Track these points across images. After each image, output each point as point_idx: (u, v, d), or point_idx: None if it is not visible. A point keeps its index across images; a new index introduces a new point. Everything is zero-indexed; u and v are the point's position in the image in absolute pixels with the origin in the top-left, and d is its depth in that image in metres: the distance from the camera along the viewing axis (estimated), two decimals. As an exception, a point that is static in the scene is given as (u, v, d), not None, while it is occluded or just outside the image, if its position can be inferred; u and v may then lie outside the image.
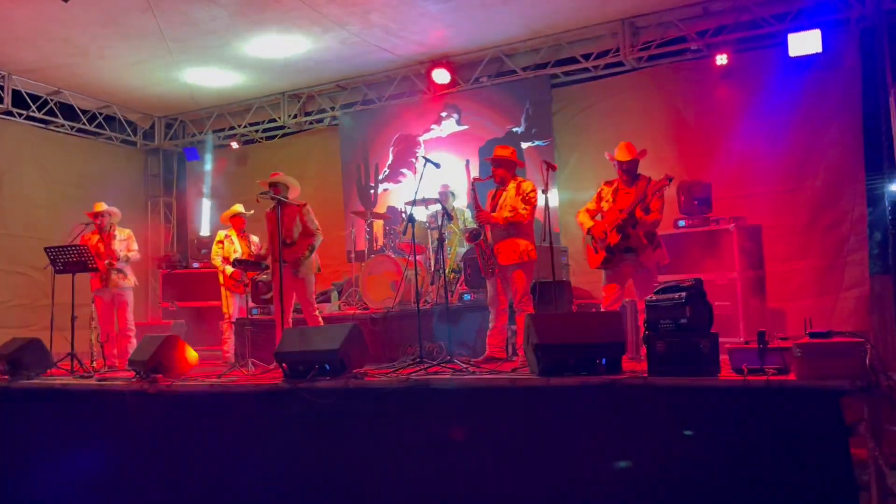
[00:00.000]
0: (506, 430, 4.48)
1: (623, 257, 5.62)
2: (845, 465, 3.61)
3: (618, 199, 5.71)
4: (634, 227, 5.52)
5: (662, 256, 5.68)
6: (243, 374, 6.02)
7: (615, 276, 5.71)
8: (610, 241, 5.60)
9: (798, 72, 7.32)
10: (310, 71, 9.44)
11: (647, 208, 5.52)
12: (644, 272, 5.61)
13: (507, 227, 5.81)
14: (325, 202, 10.02)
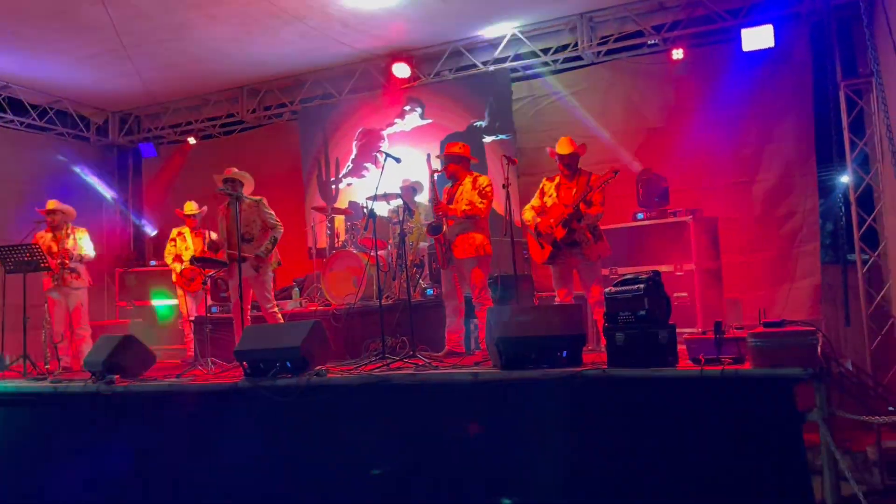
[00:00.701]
0: (469, 423, 4.49)
1: (569, 251, 5.70)
2: (798, 451, 3.70)
3: (560, 194, 5.78)
4: (580, 221, 5.60)
5: (604, 248, 5.79)
6: (203, 373, 5.93)
7: (562, 275, 5.82)
8: (556, 236, 5.67)
9: (751, 66, 7.46)
10: (268, 65, 9.31)
11: (590, 202, 5.60)
12: (588, 264, 5.71)
13: (464, 220, 5.84)
14: (286, 198, 9.90)
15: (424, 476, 4.49)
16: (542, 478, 4.22)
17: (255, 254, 6.27)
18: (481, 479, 4.38)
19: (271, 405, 4.85)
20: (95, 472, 5.35)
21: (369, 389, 4.71)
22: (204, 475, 5.05)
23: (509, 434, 4.36)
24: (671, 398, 4.03)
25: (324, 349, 5.26)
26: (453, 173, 6.03)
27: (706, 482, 3.84)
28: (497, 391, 4.44)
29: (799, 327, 3.87)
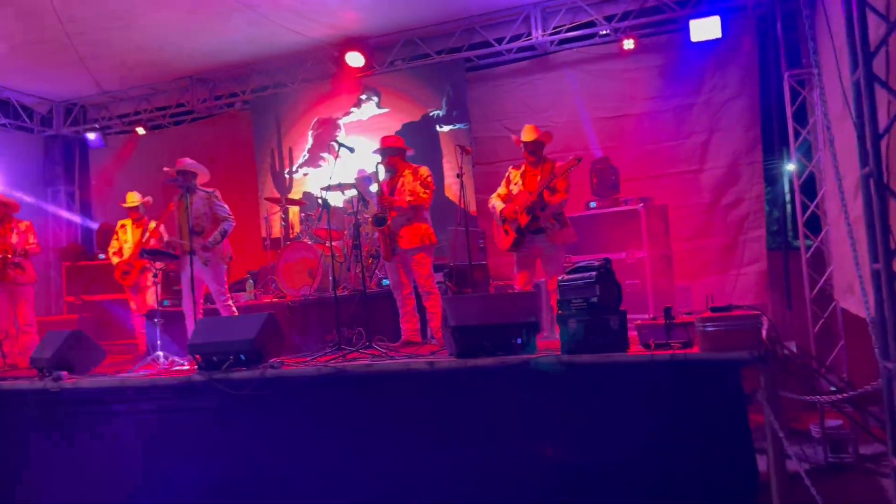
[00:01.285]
0: (427, 412, 4.52)
1: (533, 238, 5.76)
2: (744, 431, 3.82)
3: (526, 182, 5.84)
4: (543, 209, 5.66)
5: (570, 235, 5.85)
6: (156, 367, 5.84)
7: (524, 261, 5.87)
8: (520, 223, 5.72)
9: (700, 57, 7.63)
10: (218, 53, 9.13)
11: (554, 188, 5.67)
12: (553, 252, 5.77)
13: (409, 211, 5.87)
14: (239, 189, 9.77)
15: (383, 464, 4.49)
16: (500, 463, 4.28)
17: (203, 245, 6.17)
18: (439, 467, 4.41)
19: (226, 398, 4.81)
20: (44, 471, 5.23)
21: (325, 381, 4.69)
22: (157, 470, 4.98)
23: (466, 421, 4.40)
24: (623, 383, 4.11)
25: (278, 341, 5.22)
26: (392, 165, 6.05)
27: (657, 464, 3.93)
28: (453, 379, 4.47)
29: (744, 311, 3.98)
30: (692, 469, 3.87)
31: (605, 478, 4.03)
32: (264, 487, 4.75)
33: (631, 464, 3.98)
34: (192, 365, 5.23)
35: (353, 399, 4.66)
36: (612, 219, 6.89)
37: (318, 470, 4.64)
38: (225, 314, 6.36)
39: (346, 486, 4.57)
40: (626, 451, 4.01)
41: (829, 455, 5.85)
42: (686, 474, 3.86)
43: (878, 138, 2.56)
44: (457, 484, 4.33)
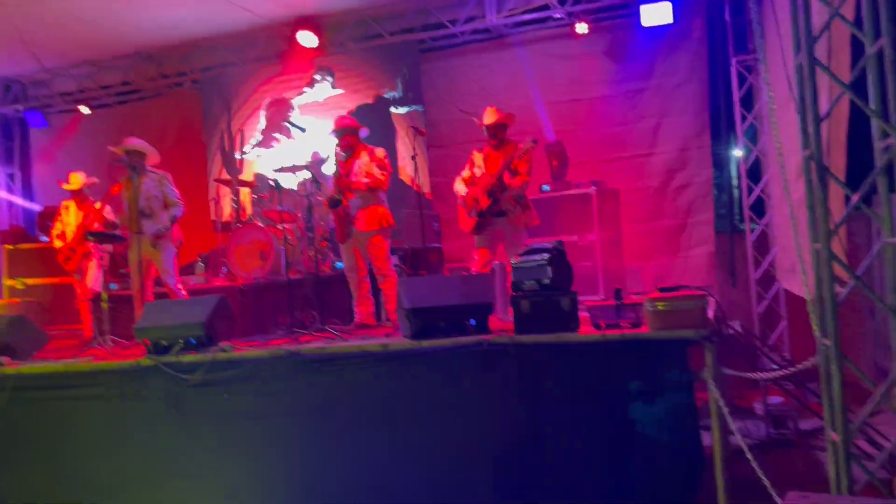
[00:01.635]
0: (381, 394, 4.53)
1: (494, 221, 5.79)
2: (690, 409, 3.93)
3: (488, 164, 5.86)
4: (503, 191, 5.69)
5: (532, 217, 5.89)
6: (103, 352, 5.71)
7: (487, 241, 5.89)
8: (482, 206, 5.74)
9: (651, 41, 7.72)
10: (165, 30, 8.86)
11: (516, 171, 5.70)
12: (514, 234, 5.80)
13: (365, 193, 5.82)
14: (188, 170, 9.56)
15: (337, 446, 4.49)
16: (454, 443, 4.32)
17: (153, 232, 6.04)
18: (393, 447, 4.43)
19: (176, 382, 4.74)
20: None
21: (277, 363, 4.66)
22: (104, 458, 4.89)
23: (421, 402, 4.42)
24: (574, 362, 4.18)
25: (230, 324, 5.16)
26: (349, 146, 5.98)
27: (607, 440, 4.02)
28: (407, 360, 4.48)
29: (691, 292, 4.08)
30: (639, 445, 3.96)
31: (553, 456, 4.10)
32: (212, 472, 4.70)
33: (580, 441, 4.05)
34: (141, 349, 5.13)
35: (307, 382, 4.62)
36: (565, 202, 6.97)
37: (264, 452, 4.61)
38: (174, 298, 6.24)
39: (300, 468, 4.56)
40: (577, 429, 4.08)
41: (772, 431, 6.07)
42: (633, 450, 3.94)
43: (819, 121, 2.63)
44: (411, 463, 4.35)
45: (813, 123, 2.64)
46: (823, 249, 2.61)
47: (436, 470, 4.30)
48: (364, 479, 4.42)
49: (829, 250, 2.60)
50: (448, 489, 4.26)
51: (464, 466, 4.27)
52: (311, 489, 4.53)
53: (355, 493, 4.43)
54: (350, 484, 4.46)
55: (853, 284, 2.69)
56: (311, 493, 4.51)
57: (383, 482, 4.38)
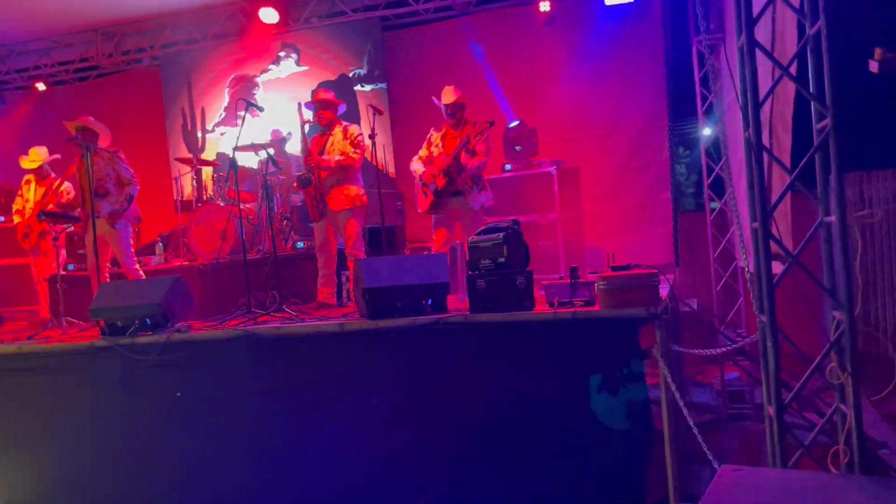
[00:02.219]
0: (337, 373, 4.54)
1: (450, 200, 5.79)
2: (640, 386, 3.99)
3: (446, 144, 5.85)
4: (460, 171, 5.69)
5: (488, 198, 5.91)
6: (58, 334, 5.64)
7: (443, 221, 5.89)
8: (438, 185, 5.74)
9: (613, 21, 7.73)
10: (124, 5, 8.69)
11: (473, 151, 5.70)
12: (471, 214, 5.80)
13: (338, 171, 5.77)
14: (149, 149, 9.44)
15: (289, 430, 4.51)
16: (409, 422, 4.36)
17: (109, 212, 5.95)
18: (349, 426, 4.45)
19: (132, 364, 4.71)
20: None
21: (234, 344, 4.64)
22: (58, 440, 4.85)
23: (376, 381, 4.44)
24: (528, 341, 4.22)
25: (187, 305, 5.12)
26: (327, 120, 5.91)
27: (559, 418, 4.08)
28: (364, 340, 4.49)
29: (642, 270, 4.13)
30: (589, 422, 4.03)
31: (506, 433, 4.15)
32: (169, 454, 4.70)
33: (531, 419, 4.11)
34: (96, 330, 5.08)
35: (263, 362, 4.62)
36: (526, 181, 6.99)
37: (221, 433, 4.61)
38: (131, 278, 6.18)
39: (257, 447, 4.57)
40: (527, 406, 4.14)
41: (729, 406, 6.22)
42: (583, 428, 4.01)
43: (758, 103, 2.67)
44: (365, 441, 4.38)
45: (752, 105, 2.68)
46: (760, 228, 2.66)
47: (389, 449, 4.33)
48: (319, 456, 4.44)
49: (766, 229, 2.65)
50: (401, 468, 4.30)
51: (418, 446, 4.31)
52: (269, 467, 4.55)
53: (311, 470, 4.45)
54: (306, 461, 4.48)
55: (790, 263, 2.75)
56: (270, 471, 4.53)
57: (339, 460, 4.40)
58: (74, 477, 4.84)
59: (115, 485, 4.80)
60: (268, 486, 4.53)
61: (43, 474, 4.90)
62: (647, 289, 4.02)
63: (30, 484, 4.95)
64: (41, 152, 7.14)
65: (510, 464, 4.13)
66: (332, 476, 4.43)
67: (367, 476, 4.36)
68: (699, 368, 7.25)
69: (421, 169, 5.89)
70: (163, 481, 4.70)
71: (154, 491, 4.73)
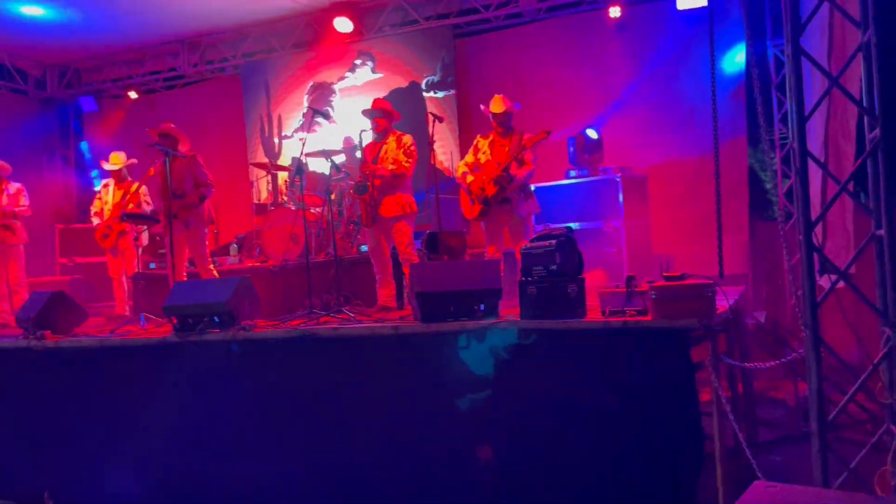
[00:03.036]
0: (392, 374, 4.64)
1: (499, 208, 5.83)
2: (691, 398, 3.91)
3: (494, 152, 5.88)
4: (510, 181, 5.71)
5: (534, 206, 5.93)
6: (136, 329, 5.98)
7: (492, 233, 5.96)
8: (487, 193, 5.79)
9: (685, 25, 7.59)
10: (208, 17, 9.16)
11: (522, 160, 5.72)
12: (518, 221, 5.83)
13: (391, 179, 5.88)
14: (229, 154, 9.88)
15: (345, 427, 4.64)
16: (460, 426, 4.41)
17: (182, 209, 6.27)
18: (401, 427, 4.55)
19: (199, 359, 4.94)
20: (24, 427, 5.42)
21: (293, 343, 4.81)
22: (134, 430, 5.14)
23: (429, 382, 4.52)
24: (577, 348, 4.20)
25: (252, 304, 5.32)
26: (381, 129, 6.04)
27: (606, 427, 4.04)
28: (417, 343, 4.57)
29: (695, 280, 4.05)
30: (641, 436, 3.98)
31: (555, 441, 4.14)
32: (232, 447, 4.91)
33: (579, 428, 4.08)
34: (170, 326, 5.36)
35: (321, 361, 4.77)
36: (591, 188, 6.95)
37: (285, 428, 4.78)
38: (206, 278, 6.48)
39: (312, 446, 4.72)
40: (572, 414, 4.11)
41: (802, 424, 5.97)
42: (631, 437, 3.96)
43: (803, 112, 2.61)
44: (417, 443, 4.46)
45: (797, 114, 2.61)
46: (804, 239, 2.59)
47: (439, 449, 4.40)
48: (371, 453, 4.55)
49: (808, 240, 2.58)
50: (451, 469, 4.36)
51: (467, 447, 4.35)
52: (324, 462, 4.70)
53: (363, 467, 4.57)
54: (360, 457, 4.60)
55: (837, 278, 2.66)
56: (320, 464, 4.68)
57: (390, 458, 4.51)
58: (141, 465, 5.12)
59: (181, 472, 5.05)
60: (313, 477, 4.68)
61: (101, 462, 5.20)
62: (700, 299, 3.93)
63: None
64: (121, 157, 7.55)
65: (552, 469, 4.12)
66: (381, 472, 4.53)
67: (415, 474, 4.44)
68: (772, 384, 6.99)
69: (470, 178, 5.95)
70: (222, 470, 4.91)
71: (216, 477, 4.95)
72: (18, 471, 5.47)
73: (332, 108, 9.55)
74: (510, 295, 5.35)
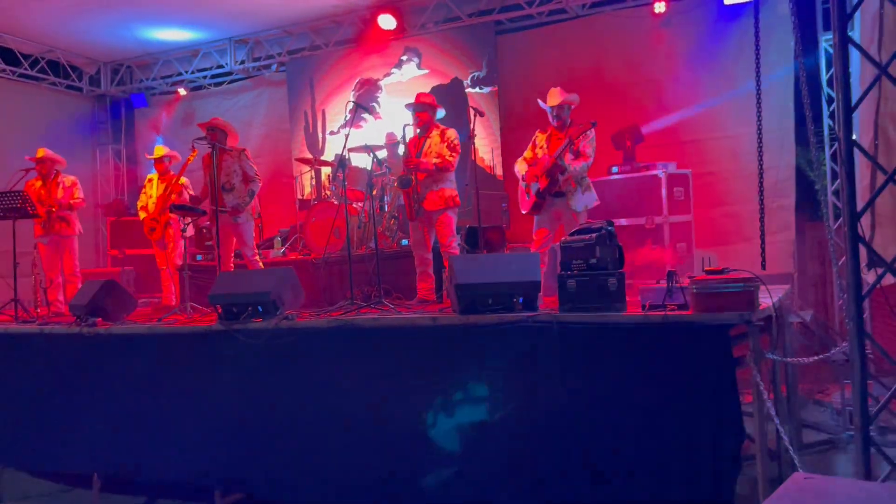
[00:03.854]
0: (429, 366, 4.68)
1: (553, 201, 5.80)
2: (732, 395, 3.86)
3: (550, 145, 5.87)
4: (563, 172, 5.69)
5: (591, 199, 5.87)
6: (183, 317, 6.13)
7: (545, 221, 5.92)
8: (540, 186, 5.78)
9: (732, 20, 7.48)
10: (255, 15, 9.34)
11: (578, 152, 5.69)
12: (573, 216, 5.78)
13: (434, 173, 5.91)
14: (275, 149, 10.06)
15: (383, 415, 4.70)
16: (495, 417, 4.43)
17: (233, 206, 6.41)
18: (439, 416, 4.58)
19: (244, 347, 5.06)
20: (73, 409, 5.62)
21: (335, 332, 4.89)
22: (179, 415, 5.29)
23: (466, 375, 4.55)
24: (617, 342, 4.18)
25: (295, 295, 5.43)
26: (424, 123, 6.06)
27: (644, 422, 4.02)
28: (454, 335, 4.61)
29: (737, 275, 4.00)
30: (681, 432, 3.94)
31: (593, 435, 4.13)
32: (274, 432, 5.01)
33: (614, 422, 4.07)
34: (215, 315, 5.49)
35: (361, 351, 4.84)
36: (633, 184, 6.89)
37: (321, 415, 4.87)
38: (252, 269, 6.61)
39: (351, 432, 4.80)
40: (616, 409, 4.10)
41: (849, 426, 5.84)
42: (670, 432, 3.93)
43: (850, 101, 2.57)
44: (453, 434, 4.50)
45: (843, 103, 2.57)
46: (848, 230, 2.55)
47: (475, 439, 4.43)
48: (405, 444, 4.61)
49: (853, 231, 2.54)
50: (486, 460, 4.38)
51: (504, 441, 4.37)
52: (356, 448, 4.77)
53: (396, 457, 4.63)
54: (398, 447, 4.66)
55: (884, 271, 2.61)
56: (358, 452, 4.75)
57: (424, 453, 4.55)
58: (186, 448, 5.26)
59: (225, 456, 5.18)
60: (350, 465, 4.75)
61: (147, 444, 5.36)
62: (741, 294, 3.89)
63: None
64: (163, 148, 7.75)
65: (588, 465, 4.11)
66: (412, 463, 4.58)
67: (445, 469, 4.48)
68: (819, 387, 6.85)
69: (524, 170, 5.94)
70: (264, 456, 5.02)
71: (259, 462, 5.06)
72: (68, 452, 5.67)
73: (378, 104, 9.64)
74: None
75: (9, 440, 5.97)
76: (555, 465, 4.25)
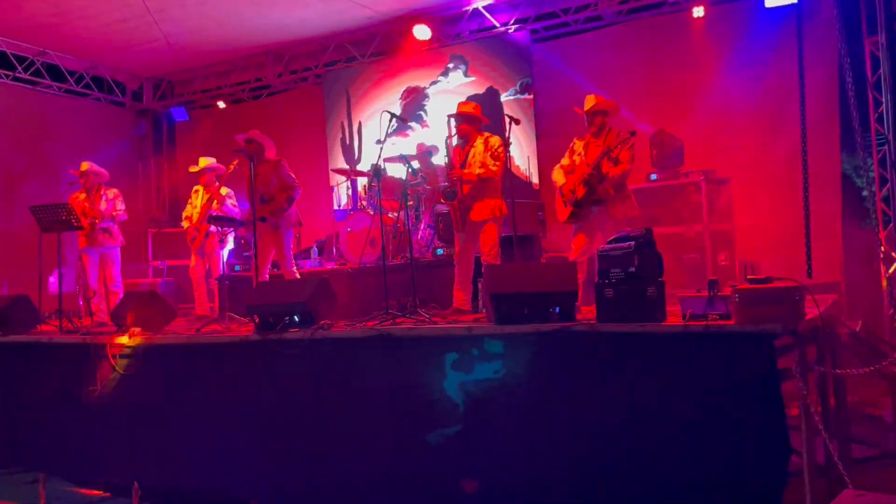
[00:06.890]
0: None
1: (591, 209, 5.71)
2: (777, 406, 3.74)
3: (588, 153, 5.78)
4: (601, 181, 5.60)
5: (631, 207, 5.76)
6: (221, 327, 6.19)
7: (584, 229, 5.82)
8: (577, 195, 5.69)
9: (774, 24, 7.33)
10: (291, 29, 9.47)
11: (616, 160, 5.59)
12: (612, 224, 5.68)
13: (479, 183, 5.82)
14: (312, 160, 10.15)
15: (419, 424, 4.66)
16: (532, 428, 4.36)
17: (270, 211, 6.46)
18: (474, 427, 4.53)
19: (280, 356, 5.08)
20: (113, 417, 5.71)
21: (370, 342, 4.88)
22: (217, 423, 5.33)
23: (501, 385, 4.48)
24: (657, 353, 4.08)
25: (331, 305, 5.44)
26: (465, 134, 5.99)
27: (683, 435, 3.91)
28: (490, 344, 4.55)
29: (781, 283, 3.88)
30: (720, 442, 3.83)
31: (634, 447, 4.04)
32: (312, 442, 5.01)
33: (652, 434, 3.97)
34: (252, 325, 5.53)
35: (395, 360, 4.81)
36: (672, 191, 6.78)
37: (357, 423, 4.85)
38: (289, 279, 6.65)
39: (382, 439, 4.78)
40: (657, 421, 4.00)
41: (902, 441, 5.63)
42: (710, 445, 3.82)
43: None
44: (490, 442, 4.44)
45: (893, 104, 2.47)
46: None
47: (507, 455, 4.37)
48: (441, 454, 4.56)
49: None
50: (524, 467, 4.32)
51: (538, 451, 4.30)
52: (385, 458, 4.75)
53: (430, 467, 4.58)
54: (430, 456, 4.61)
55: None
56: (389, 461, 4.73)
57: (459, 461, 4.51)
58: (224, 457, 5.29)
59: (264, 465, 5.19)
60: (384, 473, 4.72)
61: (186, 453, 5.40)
62: (786, 303, 3.77)
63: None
64: (207, 160, 7.82)
65: (629, 477, 4.02)
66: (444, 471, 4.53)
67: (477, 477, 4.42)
68: (870, 400, 6.62)
69: (562, 180, 5.86)
70: (303, 464, 5.03)
71: (297, 472, 5.07)
72: (108, 460, 5.75)
73: (425, 112, 9.62)
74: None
75: (51, 449, 6.08)
76: (591, 474, 4.16)
